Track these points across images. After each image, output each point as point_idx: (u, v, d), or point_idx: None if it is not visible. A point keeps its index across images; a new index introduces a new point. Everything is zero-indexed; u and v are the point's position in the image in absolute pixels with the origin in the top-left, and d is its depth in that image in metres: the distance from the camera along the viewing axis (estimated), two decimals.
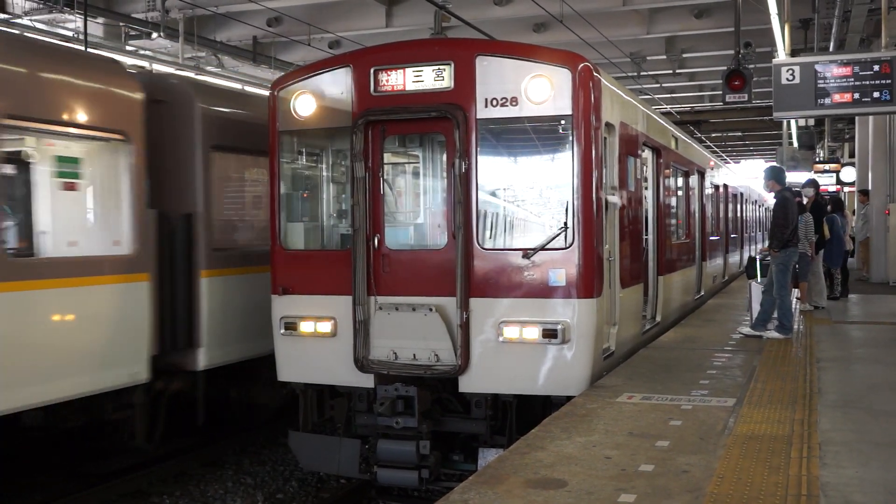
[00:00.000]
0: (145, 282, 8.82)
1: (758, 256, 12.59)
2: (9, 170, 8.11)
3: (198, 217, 9.53)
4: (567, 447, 5.87)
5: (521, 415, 7.98)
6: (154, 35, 19.20)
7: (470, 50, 8.14)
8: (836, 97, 11.75)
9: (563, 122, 7.86)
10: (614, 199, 8.69)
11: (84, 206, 8.81)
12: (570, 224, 7.80)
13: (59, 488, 9.21)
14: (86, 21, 14.08)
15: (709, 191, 16.72)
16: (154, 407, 9.34)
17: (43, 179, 8.50)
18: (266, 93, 9.21)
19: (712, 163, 17.84)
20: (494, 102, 7.94)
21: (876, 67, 11.55)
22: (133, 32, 19.83)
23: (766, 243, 11.55)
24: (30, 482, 9.26)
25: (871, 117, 21.05)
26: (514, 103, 7.90)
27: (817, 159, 32.83)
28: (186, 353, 9.48)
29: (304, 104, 8.66)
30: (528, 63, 7.91)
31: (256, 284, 9.84)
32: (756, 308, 11.23)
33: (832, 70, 11.71)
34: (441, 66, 8.09)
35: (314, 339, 8.51)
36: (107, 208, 8.77)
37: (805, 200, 14.29)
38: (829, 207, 15.61)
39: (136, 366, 8.74)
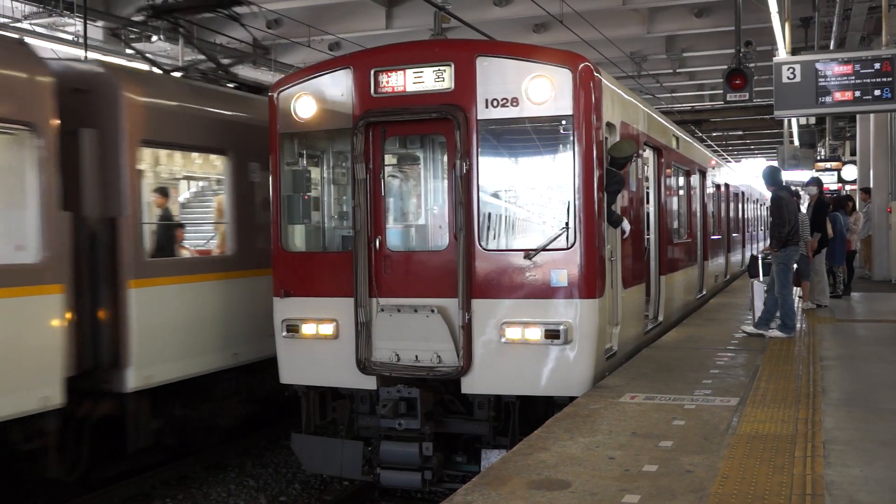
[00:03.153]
0: (60, 294, 7.80)
1: (760, 255, 12.58)
2: None
3: (123, 222, 8.49)
4: (570, 448, 5.86)
5: (523, 416, 7.97)
6: (154, 38, 19.18)
7: (470, 51, 8.13)
8: (837, 95, 11.73)
9: (563, 122, 7.85)
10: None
11: None
12: (571, 224, 7.79)
13: (61, 492, 9.20)
14: (85, 24, 14.05)
15: (710, 190, 16.71)
16: (78, 434, 8.54)
17: None
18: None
19: (713, 162, 17.84)
20: (495, 103, 7.93)
21: (877, 65, 11.54)
22: (133, 35, 19.82)
23: (768, 242, 11.54)
24: (32, 486, 9.25)
25: (871, 115, 21.03)
26: (514, 104, 7.89)
27: (818, 158, 32.78)
28: (112, 373, 8.47)
29: (304, 106, 8.65)
30: (528, 63, 7.90)
31: (201, 294, 9.39)
32: (758, 307, 11.21)
33: (833, 68, 11.70)
34: (441, 67, 8.08)
35: (316, 342, 8.50)
36: (7, 209, 7.73)
37: (808, 199, 14.26)
38: (830, 206, 15.58)
39: (48, 389, 7.68)
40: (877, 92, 11.55)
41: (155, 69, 10.94)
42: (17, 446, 7.78)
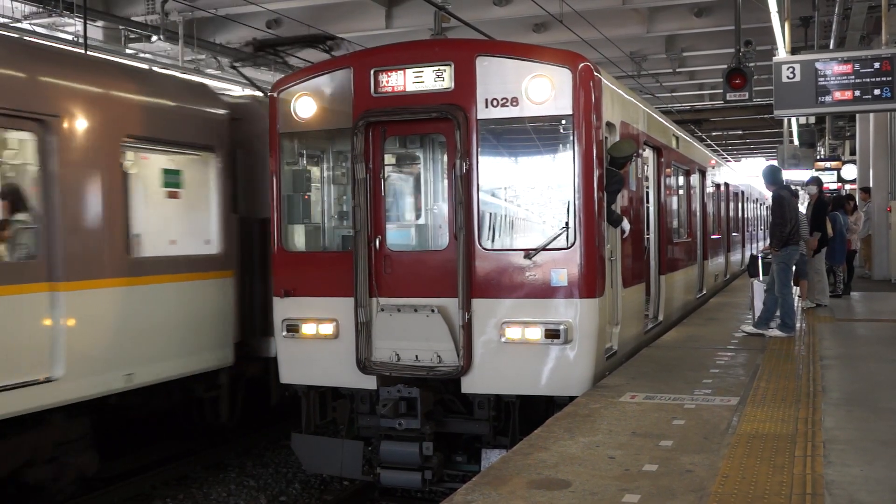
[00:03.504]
0: (231, 277, 9.92)
1: (759, 254, 12.58)
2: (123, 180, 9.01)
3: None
4: (570, 447, 5.86)
5: (523, 415, 7.97)
6: (154, 38, 19.18)
7: (470, 50, 8.13)
8: (837, 95, 11.73)
9: (563, 121, 7.84)
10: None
11: (183, 211, 9.93)
12: (571, 224, 7.79)
13: (62, 492, 9.19)
14: (85, 25, 14.04)
15: (710, 189, 16.71)
16: (234, 388, 10.24)
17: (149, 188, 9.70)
18: None
19: (713, 161, 17.84)
20: (495, 103, 7.93)
21: (876, 65, 11.53)
22: (133, 35, 19.82)
23: (769, 241, 11.53)
24: (32, 486, 9.23)
25: (871, 115, 21.03)
26: (514, 103, 7.89)
27: (818, 157, 32.78)
28: (262, 341, 10.29)
29: (304, 106, 8.65)
30: (528, 63, 7.90)
31: None
32: (758, 306, 11.21)
33: (833, 68, 11.69)
34: (441, 67, 8.08)
35: (316, 341, 8.50)
36: (199, 212, 9.85)
37: (808, 198, 14.26)
38: (829, 206, 15.57)
39: (224, 350, 9.79)
40: (876, 91, 11.54)
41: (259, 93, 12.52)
42: (199, 395, 9.90)
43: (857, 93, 11.61)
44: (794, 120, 27.98)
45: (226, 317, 9.85)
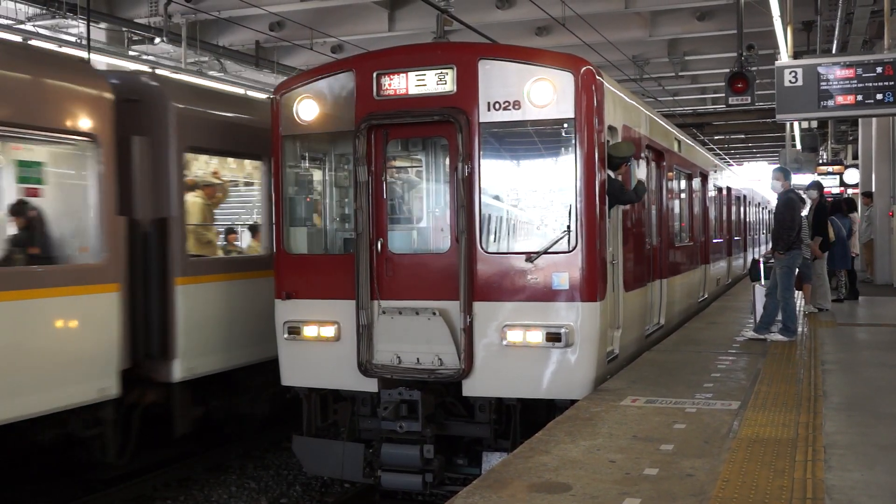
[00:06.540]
0: (115, 292, 8.39)
1: (761, 259, 12.57)
2: None
3: (172, 222, 9.06)
4: (571, 451, 5.86)
5: (524, 418, 7.97)
6: (157, 40, 19.23)
7: (472, 53, 8.14)
8: (839, 99, 11.71)
9: (565, 125, 7.85)
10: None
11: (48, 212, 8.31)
12: (573, 227, 7.80)
13: (62, 494, 9.20)
14: (88, 26, 14.10)
15: (712, 193, 16.71)
16: (127, 420, 8.96)
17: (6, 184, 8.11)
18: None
19: (715, 165, 17.83)
20: (497, 106, 7.94)
21: (879, 69, 11.52)
22: (136, 38, 19.86)
23: (771, 245, 11.50)
24: (33, 489, 9.25)
25: (874, 119, 21.05)
26: (516, 107, 7.90)
27: (820, 161, 32.78)
28: (161, 364, 9.06)
29: (306, 109, 8.66)
30: (530, 66, 7.91)
31: (240, 291, 9.91)
32: (760, 311, 11.20)
33: (835, 72, 11.68)
34: (443, 70, 8.09)
35: (317, 344, 8.51)
36: (73, 215, 8.35)
37: (808, 202, 14.26)
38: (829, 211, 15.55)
39: (106, 380, 8.29)
40: (879, 96, 11.52)
41: None
42: (78, 432, 8.51)
43: (860, 97, 11.59)
44: (796, 124, 27.98)
45: (108, 340, 8.36)
